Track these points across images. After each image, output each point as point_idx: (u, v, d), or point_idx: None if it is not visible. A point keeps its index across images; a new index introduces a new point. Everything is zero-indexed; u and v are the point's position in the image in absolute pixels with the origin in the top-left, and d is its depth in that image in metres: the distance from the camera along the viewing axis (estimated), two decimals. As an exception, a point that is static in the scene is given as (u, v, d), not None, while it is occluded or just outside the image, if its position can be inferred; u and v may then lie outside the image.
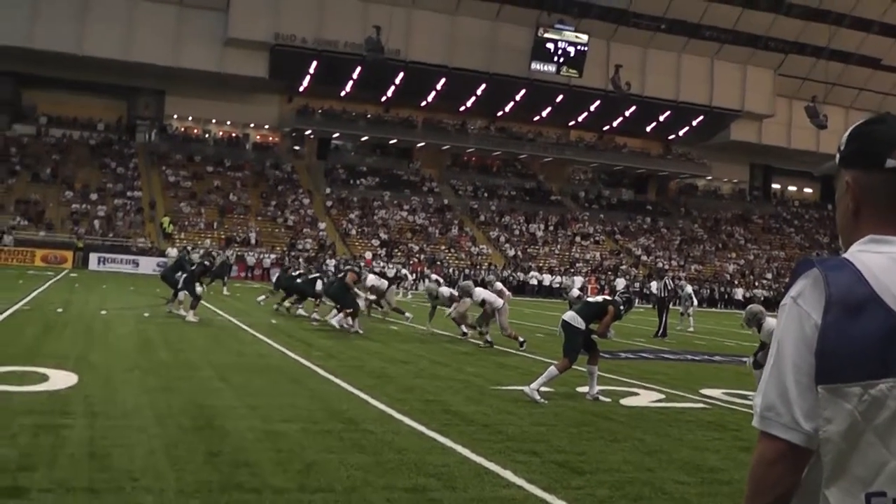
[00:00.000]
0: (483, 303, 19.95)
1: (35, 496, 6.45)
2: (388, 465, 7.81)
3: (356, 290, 21.50)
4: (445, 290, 22.74)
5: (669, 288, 28.79)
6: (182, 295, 21.59)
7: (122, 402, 10.11)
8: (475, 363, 16.37)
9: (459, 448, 8.70)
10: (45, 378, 11.36)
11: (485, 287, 21.39)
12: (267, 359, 14.90)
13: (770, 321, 13.86)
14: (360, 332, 20.70)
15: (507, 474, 7.79)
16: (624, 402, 12.57)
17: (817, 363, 2.04)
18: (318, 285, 23.72)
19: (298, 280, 25.31)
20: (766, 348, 15.69)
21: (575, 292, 26.52)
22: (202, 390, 11.19)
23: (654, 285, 63.41)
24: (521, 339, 19.59)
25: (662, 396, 13.32)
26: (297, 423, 9.41)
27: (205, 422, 9.16)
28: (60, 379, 11.38)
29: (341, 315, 20.63)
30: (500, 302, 19.91)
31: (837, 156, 2.27)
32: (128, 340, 16.43)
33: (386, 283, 25.20)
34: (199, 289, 21.12)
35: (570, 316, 12.97)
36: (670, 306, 29.09)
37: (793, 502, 2.11)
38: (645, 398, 13.05)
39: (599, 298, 13.62)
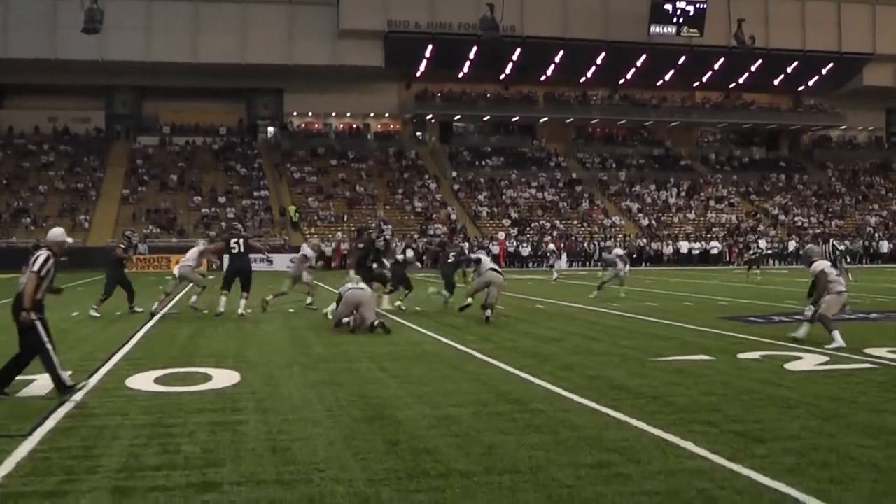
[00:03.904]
0: None
1: (228, 489, 6.72)
2: (568, 443, 7.89)
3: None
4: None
5: (840, 250, 28.11)
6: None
7: (288, 396, 10.36)
8: (628, 336, 16.30)
9: (634, 422, 8.74)
10: (208, 377, 11.70)
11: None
12: (421, 346, 15.06)
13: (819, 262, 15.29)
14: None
15: (689, 445, 7.79)
16: (789, 366, 12.39)
17: None
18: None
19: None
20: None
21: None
22: (365, 381, 11.39)
23: (791, 245, 62.75)
24: None
25: (827, 359, 13.09)
26: (466, 407, 9.54)
27: (375, 412, 9.34)
28: (223, 377, 11.70)
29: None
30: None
31: None
32: (279, 336, 16.76)
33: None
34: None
35: None
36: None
37: None
38: (810, 362, 12.83)
39: None
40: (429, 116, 75.76)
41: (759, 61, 74.88)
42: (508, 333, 17.05)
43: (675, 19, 71.25)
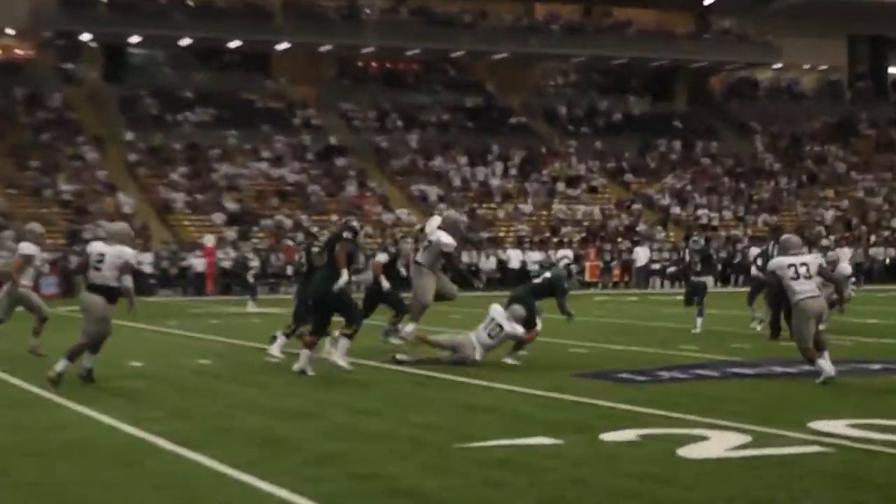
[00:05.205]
0: None
1: None
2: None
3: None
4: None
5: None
6: None
7: None
8: (423, 407, 16.47)
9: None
10: None
11: None
12: (70, 429, 14.84)
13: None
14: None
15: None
16: (684, 452, 12.58)
17: None
18: None
19: None
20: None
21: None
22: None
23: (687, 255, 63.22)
24: None
25: (747, 439, 13.37)
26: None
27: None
28: None
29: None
30: None
31: None
32: None
33: None
34: None
35: None
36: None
37: None
38: (719, 444, 13.10)
39: None
40: (85, 36, 74.72)
41: (640, -45, 76.94)
42: (222, 405, 17.04)
43: None
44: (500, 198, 72.00)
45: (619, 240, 67.30)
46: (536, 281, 24.56)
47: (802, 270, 18.38)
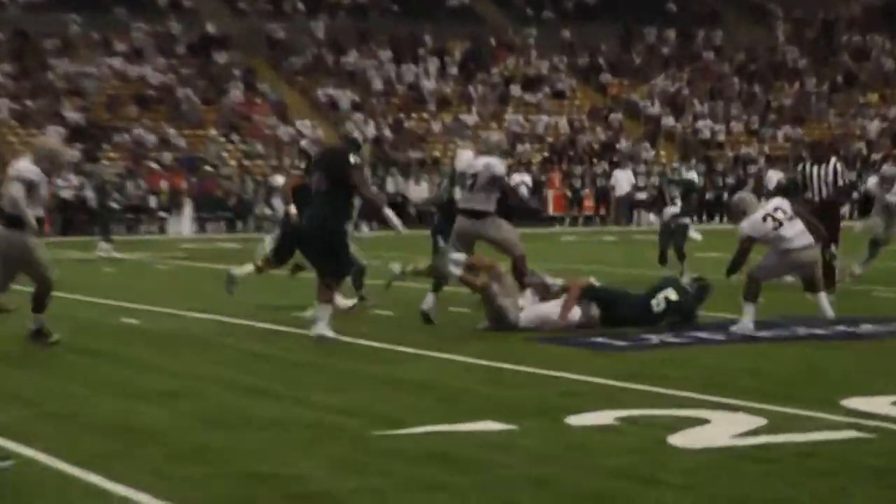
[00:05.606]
0: None
1: None
2: None
3: None
4: None
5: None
6: None
7: None
8: (332, 384, 16.43)
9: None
10: None
11: None
12: None
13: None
14: None
15: None
16: (676, 440, 12.54)
17: None
18: None
19: None
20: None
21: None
22: None
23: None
24: None
25: (761, 422, 13.34)
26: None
27: None
28: None
29: None
30: None
31: None
32: None
33: None
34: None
35: None
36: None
37: None
38: (723, 429, 13.08)
39: None
40: None
41: None
42: (61, 383, 16.98)
43: None
44: (436, 105, 72.01)
45: (594, 161, 67.29)
46: (660, 307, 22.75)
47: (780, 215, 18.64)
